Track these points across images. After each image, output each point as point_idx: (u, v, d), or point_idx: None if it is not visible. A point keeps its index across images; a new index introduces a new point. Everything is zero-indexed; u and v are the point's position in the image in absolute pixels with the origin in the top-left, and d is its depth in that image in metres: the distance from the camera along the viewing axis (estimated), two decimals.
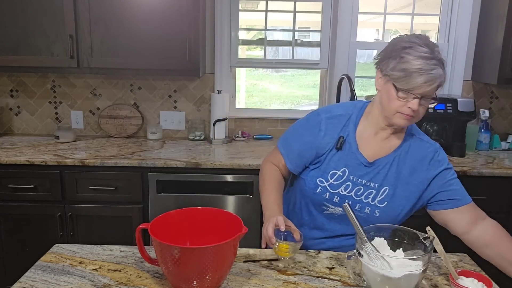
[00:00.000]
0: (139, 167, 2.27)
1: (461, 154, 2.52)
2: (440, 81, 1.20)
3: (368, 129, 1.36)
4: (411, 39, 1.23)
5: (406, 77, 1.20)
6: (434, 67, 1.18)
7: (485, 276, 1.14)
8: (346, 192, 1.34)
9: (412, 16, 2.86)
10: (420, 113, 1.26)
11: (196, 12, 2.42)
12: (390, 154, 1.35)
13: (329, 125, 1.37)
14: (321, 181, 1.35)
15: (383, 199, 1.34)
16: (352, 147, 1.35)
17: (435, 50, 1.21)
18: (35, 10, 2.39)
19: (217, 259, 1.04)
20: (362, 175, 1.34)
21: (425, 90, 1.20)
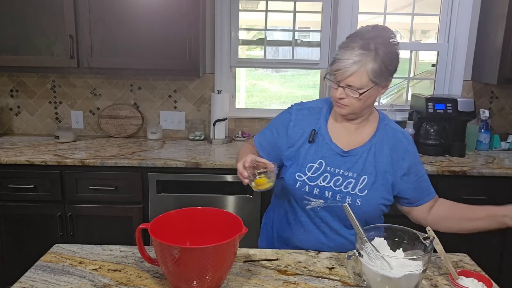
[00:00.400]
0: (139, 167, 2.27)
1: (461, 154, 2.52)
2: (355, 69, 1.24)
3: (338, 121, 1.41)
4: (358, 29, 1.32)
5: (330, 64, 1.30)
6: (350, 58, 1.23)
7: (485, 276, 1.14)
8: (325, 183, 1.36)
9: (412, 16, 2.86)
10: (353, 104, 1.31)
11: (196, 12, 2.42)
12: (365, 143, 1.38)
13: (299, 116, 1.43)
14: (299, 175, 1.37)
15: (363, 188, 1.35)
16: (325, 138, 1.39)
17: (377, 44, 1.24)
18: (35, 10, 2.40)
19: (217, 259, 1.04)
20: (339, 165, 1.36)
21: (340, 78, 1.27)
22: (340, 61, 1.25)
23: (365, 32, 1.28)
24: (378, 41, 1.25)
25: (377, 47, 1.24)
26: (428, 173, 2.21)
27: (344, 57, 1.24)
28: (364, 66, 1.23)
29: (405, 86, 3.43)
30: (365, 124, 1.41)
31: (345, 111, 1.33)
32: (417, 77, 3.94)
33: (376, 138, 1.39)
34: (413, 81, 3.67)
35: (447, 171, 2.24)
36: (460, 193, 2.28)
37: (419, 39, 5.01)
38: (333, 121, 1.41)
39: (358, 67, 1.23)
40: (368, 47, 1.23)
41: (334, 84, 1.30)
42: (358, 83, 1.25)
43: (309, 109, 1.44)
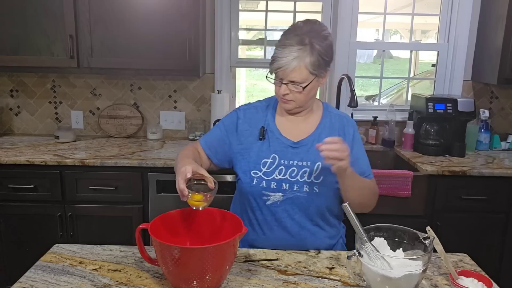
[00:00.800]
0: (139, 167, 2.27)
1: (461, 154, 2.52)
2: (295, 65, 1.29)
3: (284, 115, 1.47)
4: (290, 27, 1.36)
5: (270, 63, 1.35)
6: (289, 55, 1.29)
7: (485, 276, 1.14)
8: (281, 176, 1.39)
9: (412, 16, 2.86)
10: (298, 99, 1.36)
11: (196, 12, 2.42)
12: (314, 131, 1.44)
13: (247, 114, 1.49)
14: (255, 172, 1.41)
15: (319, 174, 1.39)
16: (275, 133, 1.44)
17: (312, 37, 1.30)
18: (35, 10, 2.40)
19: (217, 259, 1.04)
20: (292, 156, 1.41)
21: (282, 76, 1.32)
22: (279, 59, 1.30)
23: (298, 28, 1.33)
24: (312, 35, 1.31)
25: (312, 41, 1.30)
26: (428, 173, 2.24)
27: (283, 54, 1.29)
28: (302, 61, 1.30)
29: (405, 86, 3.44)
30: (310, 115, 1.47)
31: (291, 106, 1.40)
32: (417, 77, 3.94)
33: (323, 124, 1.46)
34: (413, 81, 3.68)
35: (447, 171, 2.24)
36: (460, 193, 2.28)
37: (419, 39, 5.01)
38: (280, 116, 1.48)
39: (297, 62, 1.29)
40: (303, 42, 1.29)
41: (277, 82, 1.35)
42: (299, 77, 1.31)
43: (256, 107, 1.51)
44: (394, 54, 6.67)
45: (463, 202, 2.29)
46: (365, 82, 5.62)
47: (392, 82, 4.92)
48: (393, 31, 5.87)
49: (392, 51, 5.59)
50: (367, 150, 2.73)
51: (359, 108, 2.62)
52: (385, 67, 3.01)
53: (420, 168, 2.31)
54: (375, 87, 3.93)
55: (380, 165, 2.73)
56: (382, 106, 3.03)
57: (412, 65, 3.05)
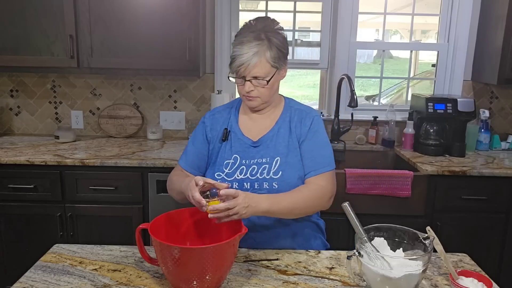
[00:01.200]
0: (139, 167, 2.27)
1: (461, 154, 2.52)
2: (256, 61, 1.31)
3: (247, 116, 1.50)
4: (243, 26, 1.39)
5: (230, 63, 1.36)
6: (248, 51, 1.30)
7: (485, 276, 1.14)
8: (242, 176, 1.41)
9: (412, 16, 2.86)
10: (263, 94, 1.38)
11: (196, 12, 2.42)
12: (273, 127, 1.46)
13: (213, 120, 1.51)
14: (219, 174, 1.43)
15: (277, 169, 1.40)
16: (237, 134, 1.46)
17: (267, 32, 1.33)
18: (35, 10, 2.40)
19: (217, 259, 1.04)
20: (253, 155, 1.43)
21: (245, 73, 1.33)
22: (240, 56, 1.32)
23: (251, 26, 1.37)
24: (267, 30, 1.35)
25: (268, 36, 1.34)
26: (428, 173, 2.24)
27: (243, 52, 1.31)
28: (263, 55, 1.32)
29: (405, 86, 3.44)
30: (273, 111, 1.49)
31: (256, 102, 1.41)
32: (417, 77, 3.94)
33: (282, 119, 1.47)
34: (413, 81, 3.68)
35: (447, 171, 2.24)
36: (460, 193, 2.28)
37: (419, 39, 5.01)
38: (243, 116, 1.50)
39: (258, 57, 1.31)
40: (260, 37, 1.32)
41: (240, 81, 1.37)
42: (262, 72, 1.34)
43: (220, 112, 1.53)
44: (394, 54, 6.68)
45: (463, 202, 2.29)
46: (365, 82, 5.62)
47: (392, 82, 4.92)
48: (393, 31, 5.87)
49: (392, 51, 5.59)
50: (367, 150, 2.77)
51: (359, 108, 2.62)
52: (385, 67, 3.01)
53: (420, 168, 2.31)
54: (375, 87, 3.93)
55: (380, 165, 2.73)
56: (382, 106, 3.03)
57: (412, 65, 3.05)
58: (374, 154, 2.77)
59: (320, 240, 1.55)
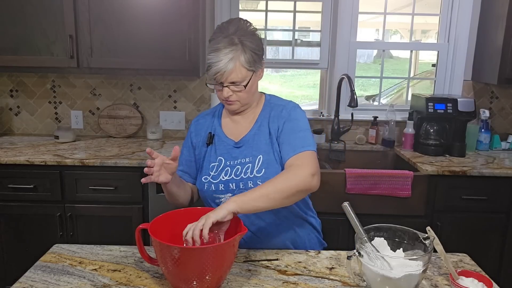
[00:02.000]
0: (139, 167, 2.26)
1: (461, 154, 2.52)
2: (232, 66, 1.31)
3: (228, 117, 1.50)
4: (217, 30, 1.37)
5: (207, 70, 1.35)
6: (223, 58, 1.30)
7: (485, 276, 1.14)
8: (227, 177, 1.42)
9: (412, 16, 2.86)
10: (242, 98, 1.38)
11: (196, 12, 2.42)
12: (253, 126, 1.46)
13: (197, 125, 1.53)
14: (205, 178, 1.44)
15: (260, 167, 1.39)
16: (221, 137, 1.47)
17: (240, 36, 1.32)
18: (35, 10, 2.39)
19: (217, 259, 1.04)
20: (237, 156, 1.43)
21: (222, 79, 1.33)
22: (214, 64, 1.31)
23: (224, 30, 1.35)
24: (240, 33, 1.34)
25: (241, 40, 1.33)
26: (428, 173, 2.24)
27: (217, 59, 1.31)
28: (238, 60, 1.31)
29: (405, 86, 3.44)
30: (254, 110, 1.48)
31: (236, 106, 1.41)
32: (417, 77, 3.95)
33: (262, 116, 1.46)
34: (413, 81, 3.68)
35: (447, 171, 2.24)
36: (460, 193, 2.28)
37: (419, 39, 5.01)
38: (226, 119, 1.51)
39: (233, 63, 1.31)
40: (234, 42, 1.32)
41: (218, 87, 1.37)
42: (239, 77, 1.33)
43: (204, 116, 1.55)
44: (394, 54, 6.68)
45: (463, 202, 2.29)
46: (365, 82, 5.62)
47: (392, 82, 4.92)
48: (393, 31, 5.87)
49: (392, 51, 5.59)
50: (367, 150, 2.77)
51: (359, 108, 2.62)
52: (385, 67, 3.01)
53: (420, 168, 2.31)
54: (375, 87, 3.93)
55: (380, 165, 2.73)
56: (382, 106, 3.03)
57: (412, 65, 3.05)
58: (374, 154, 2.77)
59: (316, 240, 1.55)
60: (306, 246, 1.49)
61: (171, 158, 1.29)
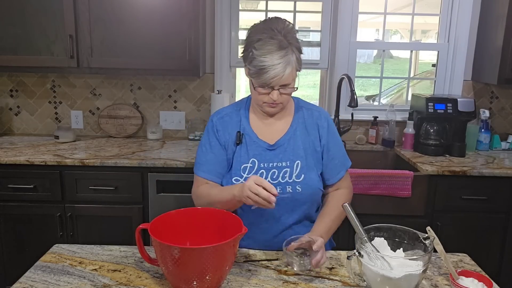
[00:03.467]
0: (139, 167, 2.27)
1: (461, 154, 2.52)
2: (290, 70, 1.27)
3: (258, 117, 1.46)
4: (262, 30, 1.30)
5: (257, 73, 1.28)
6: (280, 61, 1.25)
7: (485, 276, 1.14)
8: None
9: (412, 16, 2.86)
10: (286, 100, 1.36)
11: (196, 12, 2.42)
12: (288, 130, 1.43)
13: (223, 123, 1.45)
14: (237, 179, 1.40)
15: (299, 173, 1.38)
16: (252, 137, 1.42)
17: (288, 37, 1.28)
18: (35, 10, 2.39)
19: (217, 259, 1.04)
20: (271, 158, 1.40)
21: (277, 83, 1.29)
22: (271, 68, 1.26)
23: (269, 30, 1.29)
24: (285, 32, 1.29)
25: (290, 41, 1.29)
26: (428, 173, 2.24)
27: (273, 62, 1.25)
28: (291, 64, 1.28)
29: (405, 86, 3.44)
30: (284, 112, 1.46)
31: (278, 108, 1.39)
32: (417, 77, 3.95)
33: (296, 121, 1.45)
34: (413, 81, 3.68)
35: (447, 171, 2.24)
36: (460, 193, 2.28)
37: (419, 39, 5.01)
38: (255, 118, 1.46)
39: (290, 67, 1.28)
40: (284, 45, 1.27)
41: (266, 89, 1.31)
42: (291, 79, 1.31)
43: (228, 114, 1.48)
44: (394, 54, 6.68)
45: (463, 202, 2.29)
46: (365, 82, 5.62)
47: (392, 82, 4.92)
48: (393, 31, 5.87)
49: (392, 51, 5.59)
50: (367, 150, 2.77)
51: (359, 108, 2.62)
52: (385, 67, 3.01)
53: (420, 168, 2.31)
54: (375, 87, 3.93)
55: (380, 165, 2.73)
56: (382, 106, 3.03)
57: (412, 65, 3.05)
58: (374, 154, 2.77)
59: (328, 241, 1.55)
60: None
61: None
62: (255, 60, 1.27)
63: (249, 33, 1.35)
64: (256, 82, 1.32)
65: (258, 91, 1.33)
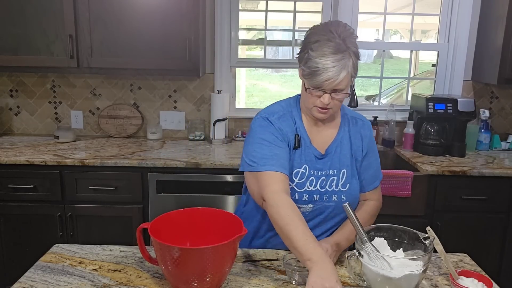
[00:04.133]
0: (139, 167, 2.27)
1: (461, 154, 2.52)
2: (344, 74, 1.22)
3: (310, 121, 1.40)
4: (321, 32, 1.25)
5: (310, 74, 1.24)
6: (335, 64, 1.20)
7: (485, 276, 1.14)
8: (312, 188, 1.35)
9: (412, 16, 2.86)
10: (336, 105, 1.30)
11: (196, 12, 2.42)
12: (335, 137, 1.40)
13: (281, 123, 1.35)
14: (289, 184, 1.33)
15: (345, 182, 1.37)
16: (306, 142, 1.37)
17: (346, 41, 1.23)
18: (35, 10, 2.39)
19: (217, 260, 1.04)
20: (321, 166, 1.37)
21: (329, 86, 1.24)
22: (325, 70, 1.21)
23: (327, 32, 1.24)
24: (344, 36, 1.24)
25: (348, 45, 1.23)
26: (428, 173, 2.24)
27: (328, 65, 1.20)
28: (347, 69, 1.23)
29: (405, 86, 3.44)
30: (332, 118, 1.42)
31: (328, 114, 1.32)
32: (417, 77, 3.95)
33: (342, 129, 1.42)
34: (413, 81, 3.68)
35: (447, 171, 2.24)
36: (460, 193, 2.28)
37: (419, 39, 5.01)
38: (307, 123, 1.40)
39: (345, 71, 1.22)
40: (342, 48, 1.22)
41: (318, 92, 1.26)
42: (344, 84, 1.25)
43: (284, 115, 1.38)
44: (394, 54, 6.68)
45: (463, 202, 2.29)
46: (365, 82, 5.62)
47: (392, 82, 4.92)
48: (393, 31, 5.88)
49: (392, 51, 5.60)
50: None
51: (359, 108, 2.62)
52: (385, 67, 3.01)
53: (420, 168, 2.31)
54: (375, 87, 3.94)
55: (380, 165, 2.73)
56: (382, 106, 3.03)
57: (412, 65, 3.05)
58: None
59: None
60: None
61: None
62: (310, 61, 1.23)
63: (308, 34, 1.30)
64: (308, 84, 1.27)
65: (310, 93, 1.28)
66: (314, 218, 1.38)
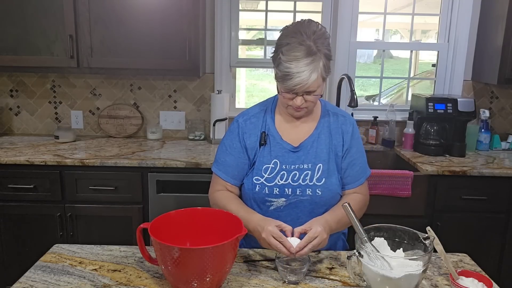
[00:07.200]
0: (139, 167, 2.27)
1: (461, 154, 2.52)
2: (315, 77, 1.24)
3: (284, 118, 1.44)
4: (291, 34, 1.27)
5: (282, 78, 1.26)
6: (305, 68, 1.22)
7: (485, 276, 1.14)
8: (283, 181, 1.38)
9: (412, 16, 2.86)
10: (310, 105, 1.34)
11: (196, 12, 2.42)
12: (312, 132, 1.42)
13: (250, 125, 1.43)
14: (257, 179, 1.39)
15: (320, 176, 1.38)
16: (276, 138, 1.41)
17: (317, 42, 1.24)
18: (35, 10, 2.39)
19: (217, 260, 1.04)
20: (294, 160, 1.39)
21: (301, 90, 1.26)
22: (296, 75, 1.23)
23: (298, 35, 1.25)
24: (315, 38, 1.25)
25: (319, 47, 1.25)
26: (428, 173, 2.24)
27: (298, 69, 1.22)
28: (317, 71, 1.25)
29: (405, 86, 3.44)
30: (310, 115, 1.44)
31: (303, 112, 1.37)
32: (417, 77, 3.94)
33: (321, 124, 1.43)
34: (413, 81, 3.68)
35: (447, 171, 2.24)
36: (460, 193, 2.28)
37: (419, 39, 5.01)
38: (280, 119, 1.44)
39: (316, 74, 1.24)
40: (313, 51, 1.23)
41: (290, 95, 1.30)
42: (316, 86, 1.28)
43: (255, 115, 1.45)
44: (394, 54, 6.68)
45: (463, 202, 2.29)
46: (365, 82, 5.62)
47: (392, 82, 4.92)
48: (393, 31, 5.87)
49: (392, 51, 5.59)
50: (367, 150, 2.74)
51: (359, 108, 2.62)
52: (385, 67, 3.01)
53: (420, 168, 2.31)
54: (375, 87, 3.94)
55: (380, 165, 2.73)
56: (382, 106, 3.03)
57: (412, 65, 3.05)
58: (374, 154, 2.77)
59: (342, 242, 1.55)
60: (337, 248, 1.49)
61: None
62: (281, 65, 1.25)
63: (280, 36, 1.31)
64: (281, 87, 1.30)
65: (283, 96, 1.32)
66: (290, 212, 1.39)
